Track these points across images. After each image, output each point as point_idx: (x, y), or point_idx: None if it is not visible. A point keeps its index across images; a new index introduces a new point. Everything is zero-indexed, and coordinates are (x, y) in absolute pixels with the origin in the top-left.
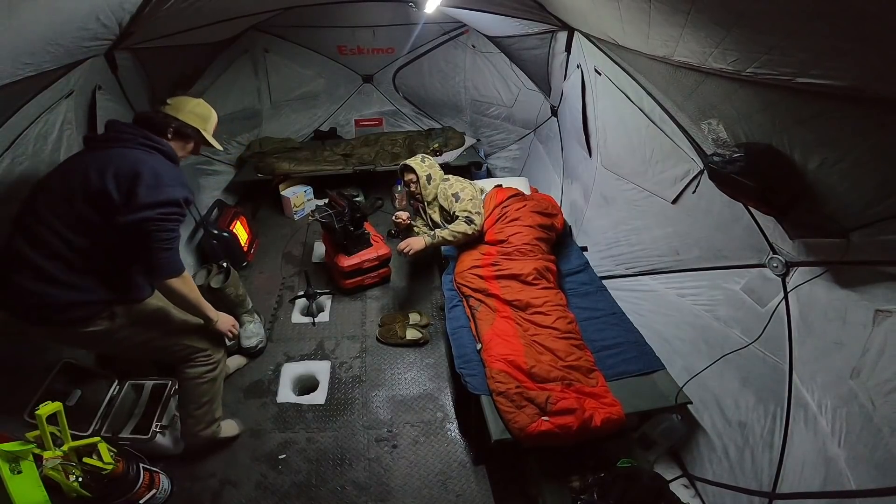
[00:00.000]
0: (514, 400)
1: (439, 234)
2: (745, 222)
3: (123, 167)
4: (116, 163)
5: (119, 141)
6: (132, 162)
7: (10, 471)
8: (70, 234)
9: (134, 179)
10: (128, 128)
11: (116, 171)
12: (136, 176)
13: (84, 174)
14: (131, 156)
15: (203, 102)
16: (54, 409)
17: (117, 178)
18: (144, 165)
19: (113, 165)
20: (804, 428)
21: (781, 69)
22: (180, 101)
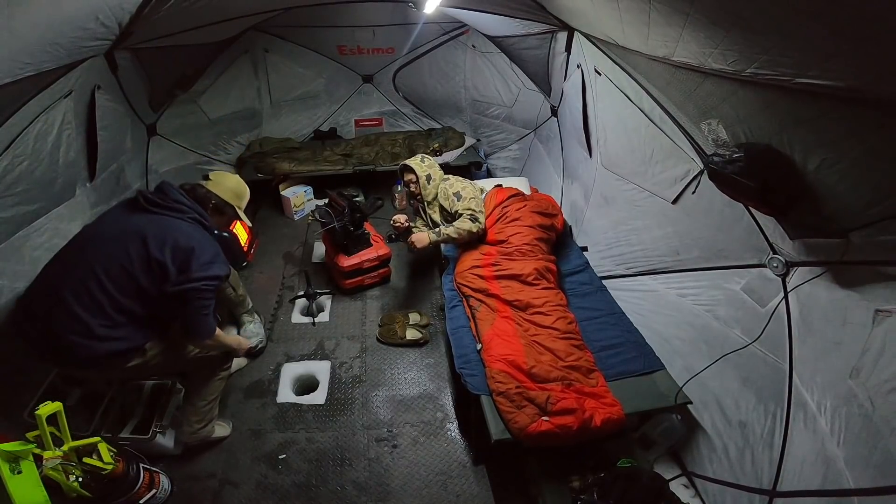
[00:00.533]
0: (515, 400)
1: (444, 231)
2: (745, 222)
3: (181, 242)
4: (175, 236)
5: (176, 211)
6: (188, 237)
7: (10, 471)
8: (119, 295)
9: (189, 254)
10: (184, 198)
11: (174, 244)
12: (191, 251)
13: (143, 242)
14: (187, 230)
15: (241, 181)
16: (54, 409)
17: (174, 252)
18: (198, 242)
19: (171, 238)
20: (804, 427)
21: (781, 70)
22: (221, 176)
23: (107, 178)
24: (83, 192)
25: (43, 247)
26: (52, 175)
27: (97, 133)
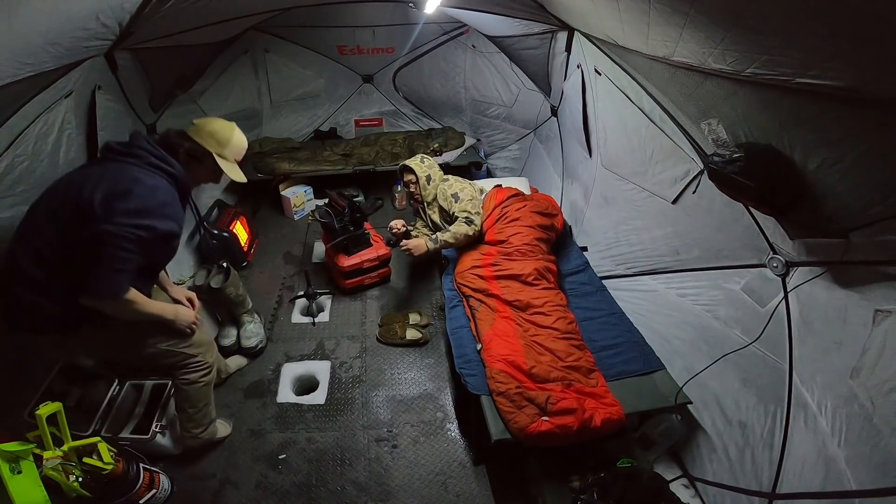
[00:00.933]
0: (515, 400)
1: (441, 237)
2: (745, 222)
3: (118, 185)
4: (115, 178)
5: (134, 157)
6: (130, 181)
7: (10, 471)
8: (55, 241)
9: (121, 196)
10: (145, 143)
11: (110, 187)
12: (125, 193)
13: (81, 185)
14: (134, 174)
15: (230, 125)
16: (54, 409)
17: (107, 194)
18: (140, 186)
19: (109, 180)
20: (804, 428)
21: (781, 69)
22: (205, 121)
23: None
24: None
25: None
26: (53, 175)
27: (97, 133)
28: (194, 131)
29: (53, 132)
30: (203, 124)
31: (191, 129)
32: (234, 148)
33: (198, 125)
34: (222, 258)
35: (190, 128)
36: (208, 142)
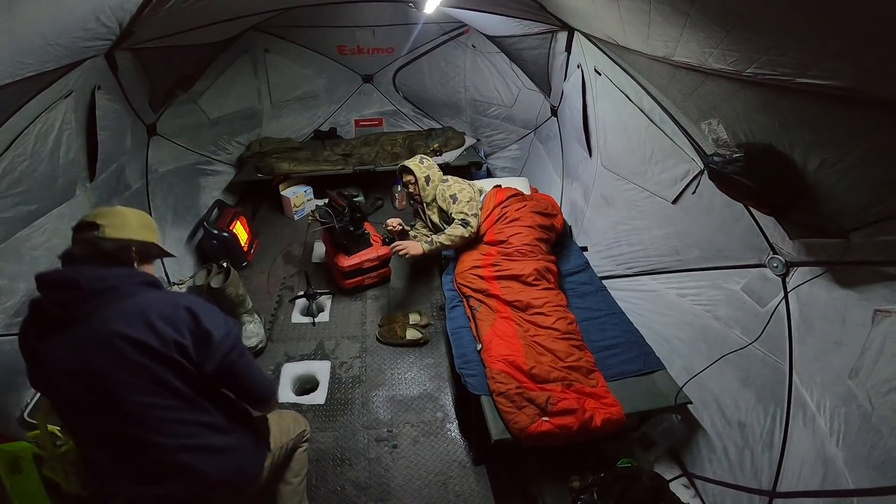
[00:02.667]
0: (515, 400)
1: (437, 239)
2: (745, 222)
3: (176, 319)
4: (164, 314)
5: (121, 288)
6: (173, 308)
7: (10, 471)
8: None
9: (191, 317)
10: (108, 271)
11: (174, 327)
12: (189, 319)
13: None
14: (156, 303)
15: (136, 211)
16: None
17: (176, 327)
18: (179, 308)
19: (166, 321)
20: (803, 427)
21: (781, 69)
22: (114, 214)
23: (107, 178)
24: (83, 192)
25: (43, 247)
26: (53, 175)
27: (97, 133)
28: (115, 230)
29: (53, 132)
30: (118, 220)
31: (106, 230)
32: (156, 230)
33: (112, 223)
34: (222, 258)
35: (104, 229)
36: (146, 234)
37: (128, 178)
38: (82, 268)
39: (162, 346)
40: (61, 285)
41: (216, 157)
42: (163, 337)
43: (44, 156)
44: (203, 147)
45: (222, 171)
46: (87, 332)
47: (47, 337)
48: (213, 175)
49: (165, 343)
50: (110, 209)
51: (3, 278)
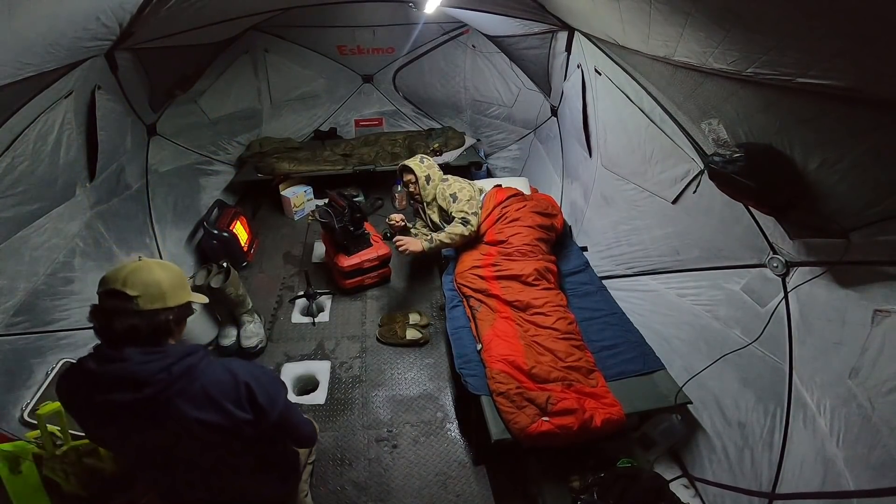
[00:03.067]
0: (515, 400)
1: (437, 237)
2: (745, 222)
3: (231, 395)
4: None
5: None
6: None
7: (10, 471)
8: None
9: (248, 393)
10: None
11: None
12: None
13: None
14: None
15: (164, 264)
16: (54, 409)
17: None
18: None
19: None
20: (803, 428)
21: (781, 69)
22: (144, 280)
23: (107, 178)
24: (83, 192)
25: (43, 247)
26: (53, 175)
27: (97, 133)
28: (153, 300)
29: (53, 132)
30: (158, 291)
31: (141, 303)
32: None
33: (152, 294)
34: (222, 258)
35: (139, 300)
36: (180, 295)
37: (128, 178)
38: (139, 366)
39: (232, 424)
40: (126, 387)
41: (216, 157)
42: (232, 417)
43: (44, 156)
44: (203, 147)
45: (222, 171)
46: (163, 418)
47: (113, 420)
48: (213, 175)
49: (234, 422)
50: (137, 268)
51: (3, 278)
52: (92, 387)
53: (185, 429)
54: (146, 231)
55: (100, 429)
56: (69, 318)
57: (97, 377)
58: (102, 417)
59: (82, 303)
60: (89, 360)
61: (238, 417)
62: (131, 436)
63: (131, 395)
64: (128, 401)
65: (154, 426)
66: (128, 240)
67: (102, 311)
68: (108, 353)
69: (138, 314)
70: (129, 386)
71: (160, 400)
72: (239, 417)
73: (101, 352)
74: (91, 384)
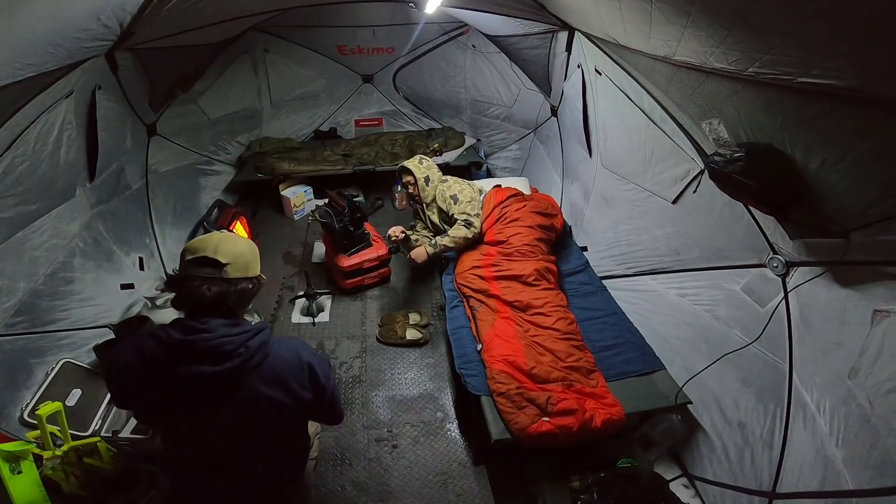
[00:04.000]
0: (515, 400)
1: (440, 241)
2: (745, 222)
3: (297, 376)
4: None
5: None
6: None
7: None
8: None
9: (311, 374)
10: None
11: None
12: (308, 369)
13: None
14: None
15: (244, 237)
16: (54, 409)
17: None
18: (295, 351)
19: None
20: (803, 428)
21: (783, 69)
22: (234, 249)
23: (107, 178)
24: (83, 192)
25: (43, 247)
26: (53, 175)
27: (98, 133)
28: (240, 269)
29: (54, 132)
30: (245, 261)
31: (231, 271)
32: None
33: (241, 264)
34: None
35: (228, 267)
36: (257, 267)
37: (128, 178)
38: (225, 339)
39: (296, 404)
40: (210, 359)
41: (216, 157)
42: (297, 396)
43: (44, 156)
44: (203, 147)
45: (222, 171)
46: (237, 393)
47: (191, 394)
48: (213, 175)
49: (298, 401)
50: (225, 238)
51: (3, 278)
52: (176, 357)
53: (254, 406)
54: (146, 231)
55: (169, 404)
56: (69, 318)
57: (184, 347)
58: (181, 391)
59: (82, 303)
60: (173, 331)
61: (301, 397)
62: (203, 412)
63: (214, 367)
64: (210, 373)
65: (228, 401)
66: (128, 240)
67: (192, 278)
68: (193, 324)
69: (227, 282)
70: (212, 358)
71: (237, 374)
72: (302, 397)
73: (184, 323)
74: (175, 355)
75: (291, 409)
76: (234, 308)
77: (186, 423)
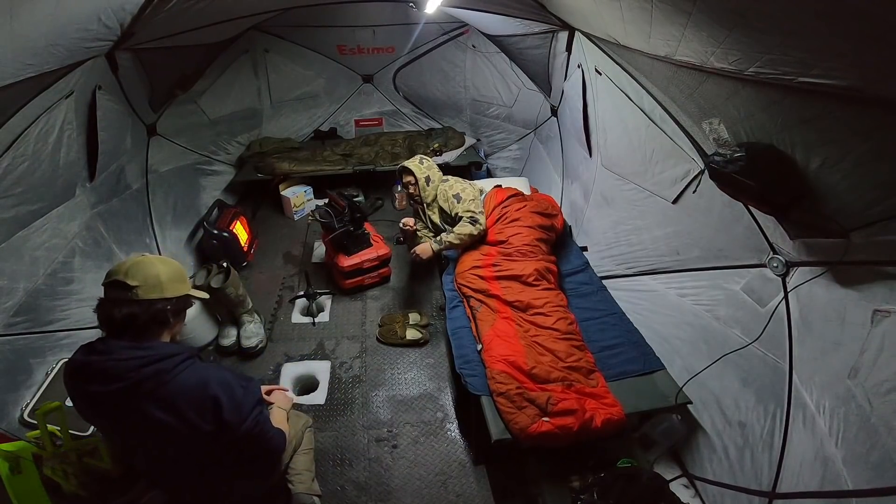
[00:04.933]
0: (515, 401)
1: (446, 238)
2: (745, 222)
3: (204, 398)
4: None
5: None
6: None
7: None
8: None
9: (214, 406)
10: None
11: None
12: (220, 397)
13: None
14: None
15: (165, 259)
16: (54, 409)
17: (203, 417)
18: (210, 386)
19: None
20: (803, 428)
21: (783, 69)
22: (144, 273)
23: (107, 178)
24: (83, 193)
25: (43, 247)
26: (53, 175)
27: (98, 133)
28: (151, 290)
29: (54, 132)
30: (156, 281)
31: (140, 292)
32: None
33: (151, 285)
34: (222, 258)
35: (138, 289)
36: (178, 288)
37: (128, 178)
38: (114, 362)
39: (188, 431)
40: (101, 379)
41: (216, 157)
42: (191, 424)
43: (44, 156)
44: (203, 147)
45: (222, 171)
46: (130, 414)
47: (98, 410)
48: (213, 175)
49: (191, 429)
50: (139, 261)
51: (3, 278)
52: (80, 377)
53: (146, 426)
54: (146, 231)
55: (93, 418)
56: (69, 318)
57: (82, 368)
58: (91, 407)
59: (82, 303)
60: (79, 352)
61: (198, 425)
62: (114, 426)
63: (103, 387)
64: (101, 392)
65: (124, 419)
66: (128, 240)
67: (103, 301)
68: (96, 345)
69: (137, 303)
70: (102, 378)
71: (128, 395)
72: (198, 426)
73: (91, 344)
74: (79, 375)
75: (185, 435)
76: (144, 329)
77: (110, 439)
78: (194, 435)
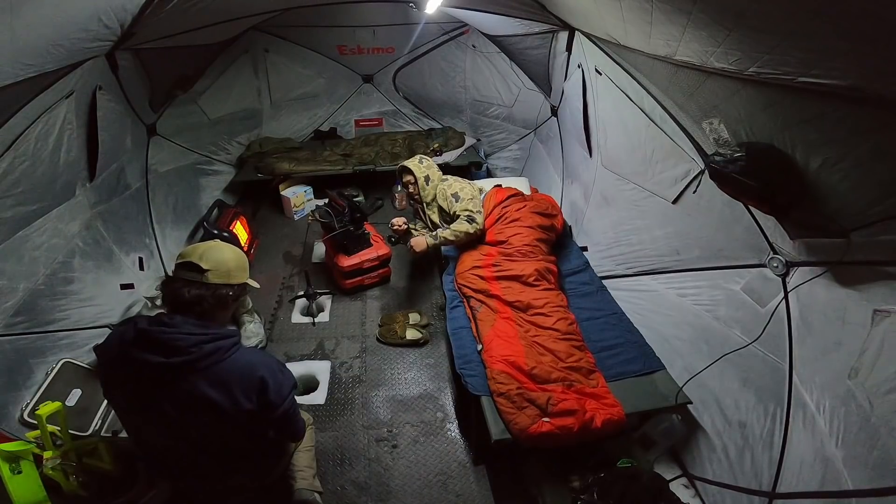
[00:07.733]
0: (515, 401)
1: (441, 234)
2: (745, 222)
3: (244, 385)
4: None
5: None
6: (251, 370)
7: (10, 471)
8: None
9: (261, 387)
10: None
11: (248, 385)
12: (260, 382)
13: (200, 409)
14: (238, 364)
15: (234, 248)
16: (54, 409)
17: (248, 396)
18: (260, 368)
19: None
20: (803, 428)
21: (783, 69)
22: (217, 258)
23: (107, 178)
24: (83, 192)
25: (43, 247)
26: (53, 175)
27: (98, 133)
28: (221, 276)
29: (54, 132)
30: (227, 268)
31: (212, 274)
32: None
33: (216, 267)
34: None
35: (210, 273)
36: (241, 276)
37: (128, 178)
38: (181, 336)
39: (233, 409)
40: (161, 350)
41: (216, 157)
42: (236, 403)
43: (44, 156)
44: (203, 147)
45: (222, 171)
46: (178, 387)
47: (137, 379)
48: (213, 175)
49: (236, 407)
50: (213, 247)
51: (3, 278)
52: (133, 343)
53: (192, 402)
54: (146, 231)
55: (120, 387)
56: (69, 318)
57: (144, 335)
58: (129, 375)
59: (82, 303)
60: (143, 320)
61: (241, 404)
62: (145, 399)
63: (164, 358)
64: (157, 363)
65: (168, 393)
66: (128, 240)
67: (175, 280)
68: (162, 318)
69: (206, 286)
70: (164, 350)
71: (184, 370)
72: (241, 404)
73: (157, 317)
74: (134, 340)
75: (229, 413)
76: (209, 311)
77: (134, 415)
78: (235, 412)
